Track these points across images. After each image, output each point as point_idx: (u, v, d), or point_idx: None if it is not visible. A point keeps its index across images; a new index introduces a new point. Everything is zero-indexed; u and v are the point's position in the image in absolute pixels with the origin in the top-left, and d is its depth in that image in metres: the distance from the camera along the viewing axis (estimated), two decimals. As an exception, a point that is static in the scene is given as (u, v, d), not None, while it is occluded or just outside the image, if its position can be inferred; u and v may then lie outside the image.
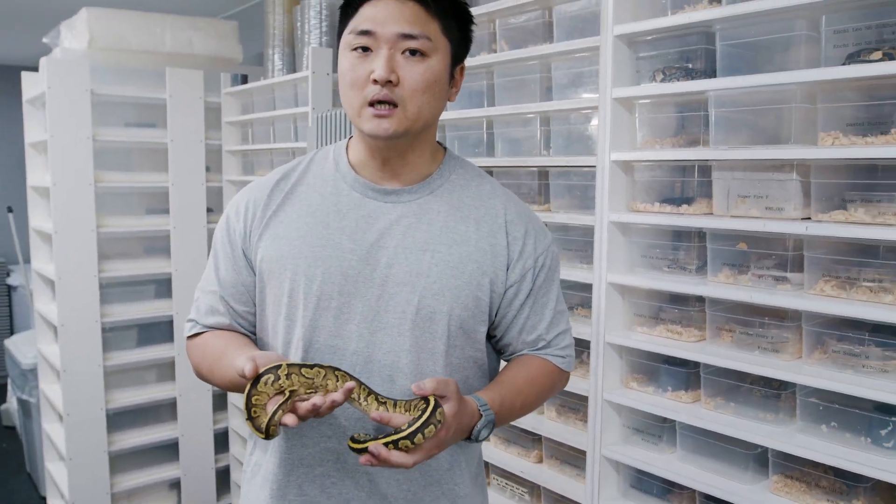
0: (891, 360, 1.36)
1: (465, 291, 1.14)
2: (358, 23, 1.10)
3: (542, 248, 1.22)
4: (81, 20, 3.15)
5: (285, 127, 3.05)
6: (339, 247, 1.13)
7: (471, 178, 1.24)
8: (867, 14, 1.35)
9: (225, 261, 1.21)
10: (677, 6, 1.63)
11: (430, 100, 1.12)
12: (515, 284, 1.19)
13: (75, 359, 3.15)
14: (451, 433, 1.04)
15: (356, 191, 1.18)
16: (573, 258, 1.97)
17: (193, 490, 3.53)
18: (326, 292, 1.12)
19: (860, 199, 1.38)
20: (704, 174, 1.63)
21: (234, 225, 1.20)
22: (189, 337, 1.25)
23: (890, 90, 1.33)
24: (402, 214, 1.16)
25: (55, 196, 3.06)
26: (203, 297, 1.23)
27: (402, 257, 1.13)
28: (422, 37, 1.09)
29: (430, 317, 1.12)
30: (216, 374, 1.17)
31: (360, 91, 1.09)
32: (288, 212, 1.18)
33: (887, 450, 1.35)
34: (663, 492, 1.74)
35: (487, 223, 1.19)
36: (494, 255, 1.17)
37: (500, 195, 1.24)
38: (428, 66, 1.10)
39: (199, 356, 1.22)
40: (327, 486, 1.15)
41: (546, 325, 1.23)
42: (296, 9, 3.08)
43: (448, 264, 1.14)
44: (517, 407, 1.19)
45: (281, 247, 1.15)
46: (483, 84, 2.14)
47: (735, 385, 1.60)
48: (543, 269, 1.22)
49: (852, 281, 1.40)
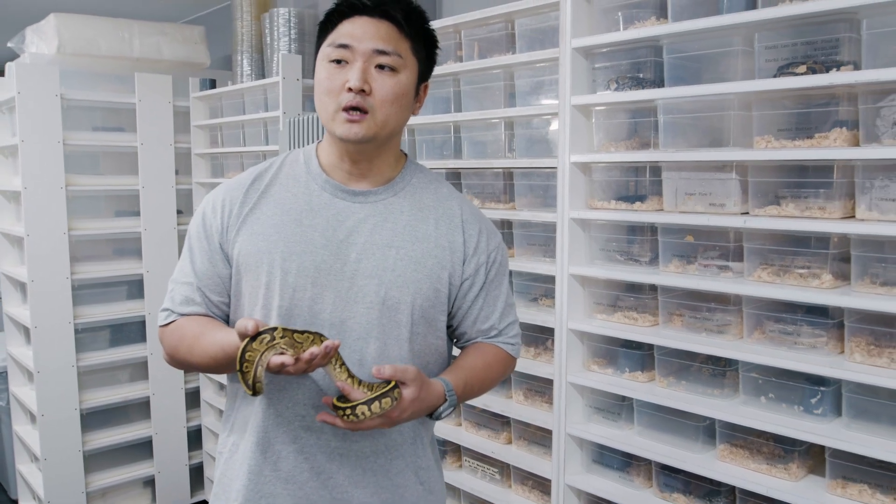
0: (820, 338, 1.54)
1: (426, 284, 1.26)
2: (336, 37, 1.22)
3: (493, 245, 1.36)
4: (50, 25, 3.18)
5: (255, 131, 3.14)
6: (312, 242, 1.24)
7: (429, 181, 1.36)
8: (794, 32, 1.52)
9: (201, 254, 1.29)
10: (629, 22, 1.79)
11: (398, 110, 1.24)
12: (470, 278, 1.32)
13: (49, 360, 3.19)
14: (408, 414, 1.16)
15: (326, 191, 1.29)
16: (537, 252, 2.11)
17: (167, 487, 3.59)
18: (301, 284, 1.23)
19: (791, 196, 1.55)
20: (655, 174, 1.79)
21: (211, 220, 1.29)
22: (163, 326, 1.31)
23: (814, 100, 1.51)
24: (369, 214, 1.28)
25: (27, 200, 3.09)
26: (178, 288, 1.30)
27: (369, 253, 1.25)
28: (394, 53, 1.21)
29: (395, 306, 1.24)
30: (195, 353, 1.23)
31: (335, 98, 1.21)
32: (263, 210, 1.27)
33: (817, 416, 1.53)
34: (623, 465, 1.90)
35: (445, 222, 1.31)
36: (452, 251, 1.30)
37: (456, 197, 1.37)
38: (397, 80, 1.22)
39: (175, 339, 1.28)
40: (300, 461, 1.25)
41: (498, 315, 1.36)
42: (263, 16, 3.17)
43: (411, 259, 1.26)
44: (475, 389, 1.33)
45: (258, 242, 1.25)
46: (450, 91, 2.27)
47: (686, 364, 1.76)
48: (495, 264, 1.35)
49: (786, 268, 1.57)
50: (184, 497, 3.65)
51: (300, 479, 1.26)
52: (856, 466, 1.48)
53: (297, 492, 1.26)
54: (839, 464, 1.50)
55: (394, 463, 1.30)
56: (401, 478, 1.30)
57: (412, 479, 1.32)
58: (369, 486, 1.28)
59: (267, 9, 3.21)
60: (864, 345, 1.47)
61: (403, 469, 1.31)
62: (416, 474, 1.32)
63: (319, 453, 1.26)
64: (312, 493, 1.26)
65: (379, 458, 1.28)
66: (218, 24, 4.07)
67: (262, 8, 3.24)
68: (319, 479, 1.26)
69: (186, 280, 1.29)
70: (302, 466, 1.26)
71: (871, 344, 1.46)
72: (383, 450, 1.29)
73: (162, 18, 3.65)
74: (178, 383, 3.57)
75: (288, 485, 1.26)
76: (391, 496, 1.30)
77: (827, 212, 1.49)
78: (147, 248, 3.43)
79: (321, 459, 1.26)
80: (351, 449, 1.26)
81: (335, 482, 1.26)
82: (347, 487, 1.26)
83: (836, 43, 1.48)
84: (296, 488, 1.26)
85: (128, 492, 3.55)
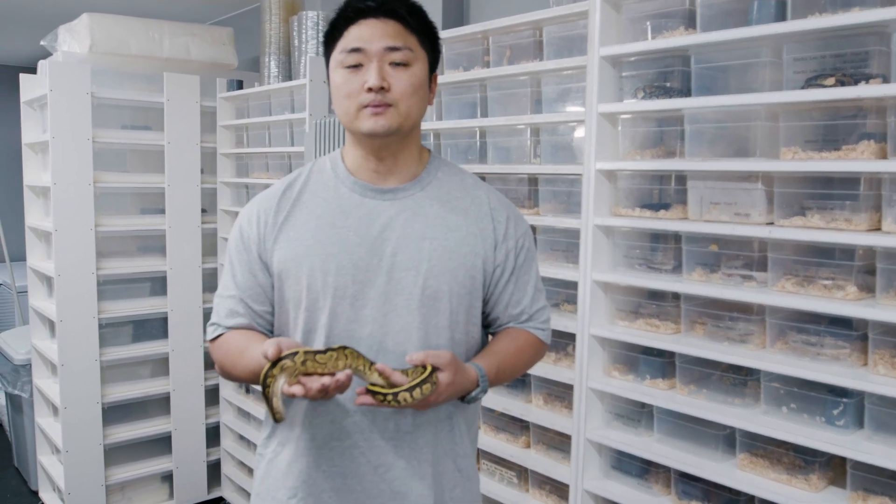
0: (843, 349, 1.54)
1: (461, 272, 1.30)
2: (347, 42, 1.26)
3: (521, 231, 1.39)
4: (83, 25, 3.24)
5: (281, 132, 3.18)
6: (348, 242, 1.28)
7: (454, 173, 1.40)
8: (823, 45, 1.53)
9: (241, 267, 1.34)
10: (657, 31, 1.81)
11: (417, 101, 1.28)
12: (501, 264, 1.36)
13: (73, 354, 3.25)
14: (444, 398, 1.20)
15: (356, 192, 1.32)
16: (560, 258, 2.13)
17: (185, 483, 3.63)
18: (341, 283, 1.27)
19: (816, 207, 1.56)
20: (680, 183, 1.80)
21: (248, 233, 1.34)
22: (211, 340, 1.36)
23: (841, 112, 1.52)
24: (399, 210, 1.31)
25: (56, 196, 3.15)
26: (222, 303, 1.35)
27: (404, 246, 1.28)
28: (405, 48, 1.25)
29: (435, 296, 1.28)
30: (238, 368, 1.28)
31: (356, 99, 1.25)
32: (297, 217, 1.32)
33: (839, 428, 1.53)
34: (642, 471, 1.91)
35: (474, 211, 1.35)
36: (483, 238, 1.34)
37: (482, 186, 1.41)
38: (412, 72, 1.26)
39: (222, 354, 1.33)
40: (356, 455, 1.29)
41: (529, 299, 1.40)
42: (292, 18, 3.21)
43: (445, 249, 1.30)
44: (507, 374, 1.37)
45: (296, 248, 1.29)
46: (476, 96, 2.29)
47: (707, 373, 1.77)
48: (523, 249, 1.39)
49: (810, 279, 1.58)
50: (201, 493, 3.70)
51: (359, 473, 1.29)
52: (877, 479, 1.48)
53: (357, 486, 1.29)
54: (860, 476, 1.50)
55: (437, 449, 1.33)
56: (441, 465, 1.34)
57: (451, 466, 1.35)
58: (426, 476, 1.31)
59: (295, 11, 3.25)
60: (887, 357, 1.47)
61: (442, 458, 1.34)
62: (454, 462, 1.36)
63: (373, 447, 1.29)
64: (372, 488, 1.30)
65: (427, 448, 1.32)
66: (246, 25, 4.12)
67: (291, 11, 3.28)
68: (377, 472, 1.29)
69: (229, 294, 1.34)
70: (359, 461, 1.29)
71: (895, 356, 1.46)
72: (431, 440, 1.32)
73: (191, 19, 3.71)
74: (198, 380, 3.61)
75: (347, 479, 1.29)
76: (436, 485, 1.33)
77: (853, 224, 1.50)
78: (171, 245, 3.48)
79: (376, 453, 1.29)
80: (403, 440, 1.30)
81: (393, 475, 1.30)
82: (406, 479, 1.30)
83: (865, 56, 1.49)
84: (355, 482, 1.29)
85: (146, 486, 3.60)
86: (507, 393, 2.28)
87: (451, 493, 1.36)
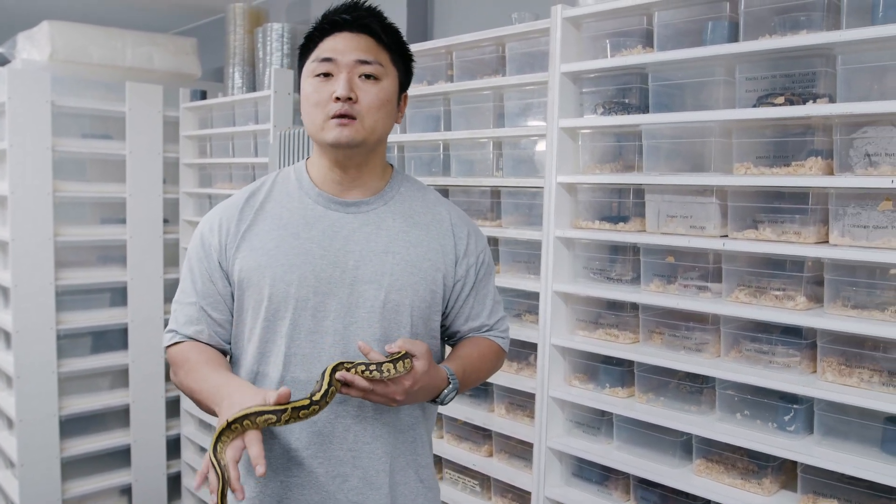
0: (794, 357, 1.60)
1: (422, 286, 1.32)
2: (320, 52, 1.28)
3: (480, 247, 1.42)
4: (43, 32, 3.20)
5: (245, 143, 3.18)
6: (311, 253, 1.29)
7: (417, 189, 1.42)
8: (773, 65, 1.60)
9: (201, 274, 1.33)
10: (616, 49, 1.86)
11: (384, 116, 1.30)
12: (462, 279, 1.38)
13: (29, 365, 3.18)
14: (419, 387, 1.21)
15: (320, 204, 1.33)
16: (521, 269, 2.17)
17: (144, 496, 3.57)
18: (303, 294, 1.27)
19: (768, 221, 1.62)
20: (638, 196, 1.85)
21: (209, 240, 1.33)
22: (168, 346, 1.35)
23: (791, 129, 1.58)
24: (363, 223, 1.33)
25: (13, 204, 3.10)
26: (180, 309, 1.34)
27: (367, 259, 1.30)
28: (375, 62, 1.28)
29: (396, 309, 1.30)
30: (185, 384, 1.29)
31: (323, 109, 1.27)
32: (260, 226, 1.32)
33: (790, 433, 1.59)
34: (602, 478, 1.95)
35: (436, 227, 1.37)
36: (444, 253, 1.36)
37: (444, 203, 1.43)
38: (381, 87, 1.28)
39: (177, 363, 1.32)
40: (314, 466, 1.29)
41: (488, 312, 1.43)
42: (257, 30, 3.22)
43: (408, 263, 1.31)
44: (472, 379, 1.39)
45: (258, 258, 1.29)
46: (440, 110, 2.33)
47: (664, 381, 1.82)
48: (483, 265, 1.42)
49: (762, 290, 1.64)
50: (161, 506, 3.65)
51: (317, 483, 1.29)
52: (826, 482, 1.54)
53: (314, 496, 1.29)
54: (811, 479, 1.56)
55: (397, 461, 1.34)
56: (401, 475, 1.35)
57: (413, 476, 1.36)
58: (383, 486, 1.31)
59: (260, 23, 3.26)
60: (835, 364, 1.53)
61: (405, 468, 1.35)
62: (416, 472, 1.37)
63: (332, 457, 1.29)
64: (328, 498, 1.29)
65: (385, 458, 1.32)
66: (210, 36, 4.11)
67: (256, 22, 3.29)
68: (335, 482, 1.29)
69: (188, 300, 1.33)
70: (317, 471, 1.29)
71: (843, 364, 1.52)
72: (390, 451, 1.33)
73: (154, 29, 3.68)
74: (159, 391, 3.57)
75: (305, 490, 1.29)
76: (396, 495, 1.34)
77: (802, 237, 1.56)
78: (132, 255, 3.44)
79: (334, 463, 1.29)
80: (362, 451, 1.30)
81: (350, 485, 1.30)
82: (362, 489, 1.30)
83: (812, 76, 1.56)
84: (313, 492, 1.29)
85: (104, 500, 3.53)
86: (470, 402, 2.31)
87: (412, 503, 1.37)
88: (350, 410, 1.29)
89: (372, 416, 1.30)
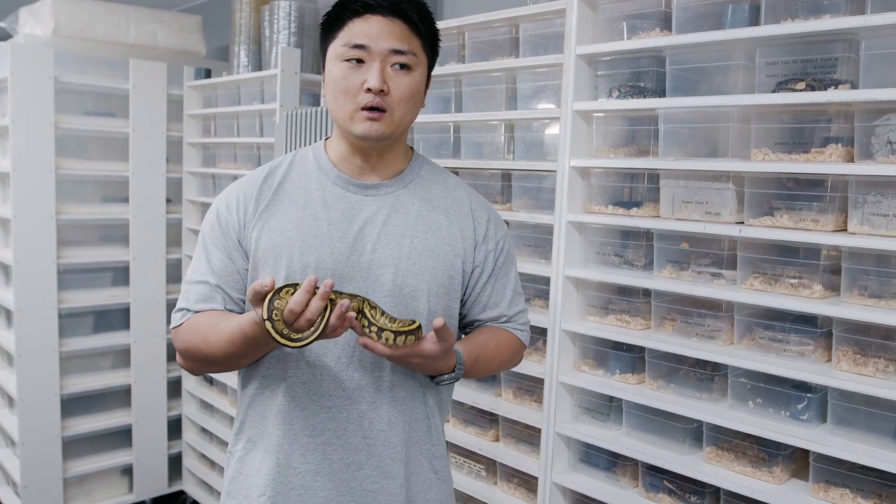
0: (807, 346, 1.59)
1: (440, 271, 1.30)
2: (351, 37, 1.23)
3: (500, 234, 1.40)
4: (46, 7, 3.16)
5: (250, 122, 3.15)
6: (329, 236, 1.27)
7: (436, 173, 1.40)
8: (794, 50, 1.57)
9: (217, 252, 1.30)
10: (633, 32, 1.83)
11: (413, 108, 1.28)
12: (480, 265, 1.36)
13: (31, 344, 3.17)
14: (417, 363, 1.20)
15: (339, 186, 1.31)
16: (532, 254, 2.15)
17: (145, 476, 3.58)
18: (320, 277, 1.24)
19: (785, 207, 1.61)
20: (652, 181, 1.83)
21: (227, 217, 1.30)
22: (176, 327, 1.30)
23: (811, 115, 1.56)
24: (381, 206, 1.31)
25: (15, 181, 3.07)
26: (192, 288, 1.30)
27: (384, 243, 1.28)
28: (409, 52, 1.24)
29: (412, 294, 1.28)
30: (211, 342, 1.22)
31: (353, 98, 1.23)
32: (278, 206, 1.30)
33: (803, 422, 1.58)
34: (609, 464, 1.94)
35: (455, 211, 1.35)
36: (464, 238, 1.34)
37: (464, 187, 1.41)
38: (413, 78, 1.25)
39: (189, 333, 1.27)
40: (329, 452, 1.28)
41: (507, 303, 1.40)
42: (263, 8, 3.18)
43: (425, 248, 1.29)
44: (483, 368, 1.36)
45: (275, 238, 1.27)
46: (451, 91, 2.30)
47: (675, 368, 1.81)
48: (503, 252, 1.39)
49: (777, 277, 1.63)
50: (161, 486, 3.65)
51: (331, 471, 1.28)
52: (838, 471, 1.53)
53: (328, 483, 1.28)
54: (822, 468, 1.55)
55: (412, 449, 1.33)
56: (416, 465, 1.34)
57: (426, 467, 1.35)
58: (398, 476, 1.30)
59: (267, 1, 3.21)
60: (850, 354, 1.52)
61: (418, 457, 1.34)
62: (430, 463, 1.36)
63: (346, 445, 1.28)
64: (342, 486, 1.28)
65: (400, 446, 1.30)
66: (215, 13, 4.06)
67: (264, 0, 3.25)
68: (349, 470, 1.28)
69: (202, 279, 1.29)
70: (331, 458, 1.28)
71: (858, 353, 1.51)
72: (405, 439, 1.31)
73: (159, 5, 3.63)
74: (161, 372, 3.56)
75: (318, 477, 1.28)
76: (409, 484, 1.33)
77: (820, 224, 1.54)
78: (134, 235, 3.42)
79: (349, 451, 1.28)
80: (377, 438, 1.28)
81: (364, 473, 1.28)
82: (377, 478, 1.29)
83: (834, 62, 1.53)
84: (326, 480, 1.28)
85: (105, 479, 3.53)
86: (477, 386, 2.30)
87: (425, 494, 1.35)
88: (366, 396, 1.27)
89: (388, 403, 1.29)
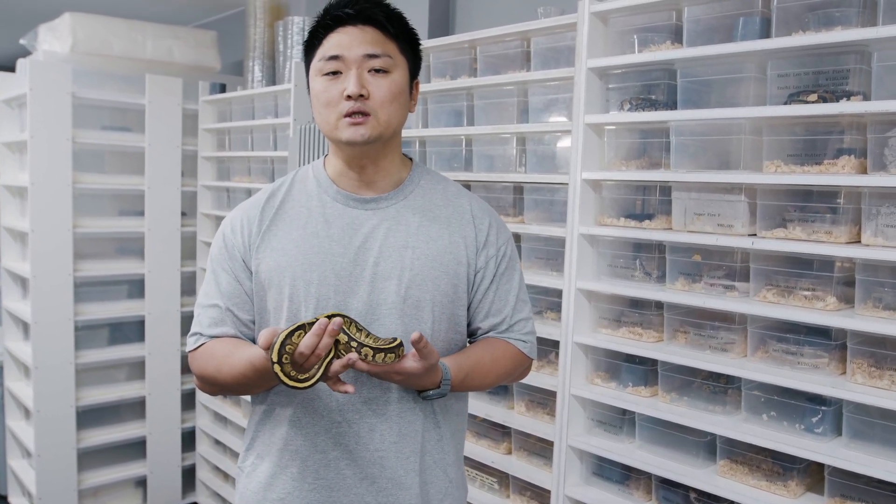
0: (822, 358, 1.58)
1: (444, 281, 1.30)
2: (326, 50, 1.26)
3: (503, 239, 1.39)
4: (65, 24, 3.21)
5: (264, 136, 3.17)
6: (330, 252, 1.28)
7: (437, 182, 1.40)
8: (805, 62, 1.57)
9: (225, 274, 1.32)
10: (644, 45, 1.84)
11: (397, 108, 1.29)
12: (482, 270, 1.35)
13: (47, 356, 3.20)
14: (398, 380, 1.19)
15: (339, 202, 1.32)
16: (544, 266, 2.15)
17: (159, 488, 3.59)
18: (324, 293, 1.27)
19: (798, 219, 1.60)
20: (664, 193, 1.83)
21: (232, 241, 1.33)
22: (192, 351, 1.33)
23: (823, 127, 1.56)
24: (382, 219, 1.31)
25: (33, 195, 3.11)
26: (204, 312, 1.32)
27: (386, 255, 1.28)
28: (384, 55, 1.26)
29: (417, 305, 1.28)
30: (224, 371, 1.25)
31: (335, 107, 1.25)
32: (280, 226, 1.31)
33: (817, 435, 1.57)
34: (623, 478, 1.93)
35: (457, 219, 1.35)
36: (466, 245, 1.34)
37: (465, 194, 1.41)
38: (392, 79, 1.27)
39: (204, 360, 1.30)
40: (342, 467, 1.28)
41: (510, 309, 1.38)
42: (277, 23, 3.21)
43: (427, 257, 1.30)
44: (476, 382, 1.34)
45: (278, 258, 1.29)
46: (463, 105, 2.31)
47: (688, 381, 1.80)
48: (505, 257, 1.39)
49: (790, 289, 1.62)
50: (175, 499, 3.66)
51: (345, 485, 1.28)
52: (854, 485, 1.52)
53: (343, 498, 1.28)
54: (838, 482, 1.54)
55: (425, 459, 1.33)
56: (430, 474, 1.34)
57: (441, 475, 1.35)
58: (413, 486, 1.30)
59: (281, 16, 3.25)
60: (865, 366, 1.51)
61: (433, 466, 1.34)
62: (444, 471, 1.36)
63: (359, 458, 1.28)
64: (358, 500, 1.29)
65: (413, 457, 1.30)
66: (230, 29, 4.11)
67: (276, 15, 3.28)
68: (363, 484, 1.28)
69: (212, 303, 1.32)
70: (345, 473, 1.28)
71: (873, 366, 1.50)
72: (418, 450, 1.31)
73: (175, 21, 3.69)
74: (175, 384, 3.58)
75: (333, 492, 1.28)
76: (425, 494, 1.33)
77: (833, 236, 1.54)
78: (150, 248, 3.46)
79: (362, 466, 1.28)
80: (389, 451, 1.29)
81: (380, 486, 1.29)
82: (393, 490, 1.29)
83: (846, 73, 1.53)
84: (341, 494, 1.28)
85: (119, 491, 3.55)
86: (489, 399, 2.30)
87: (440, 502, 1.35)
88: (375, 409, 1.28)
89: (397, 414, 1.29)
